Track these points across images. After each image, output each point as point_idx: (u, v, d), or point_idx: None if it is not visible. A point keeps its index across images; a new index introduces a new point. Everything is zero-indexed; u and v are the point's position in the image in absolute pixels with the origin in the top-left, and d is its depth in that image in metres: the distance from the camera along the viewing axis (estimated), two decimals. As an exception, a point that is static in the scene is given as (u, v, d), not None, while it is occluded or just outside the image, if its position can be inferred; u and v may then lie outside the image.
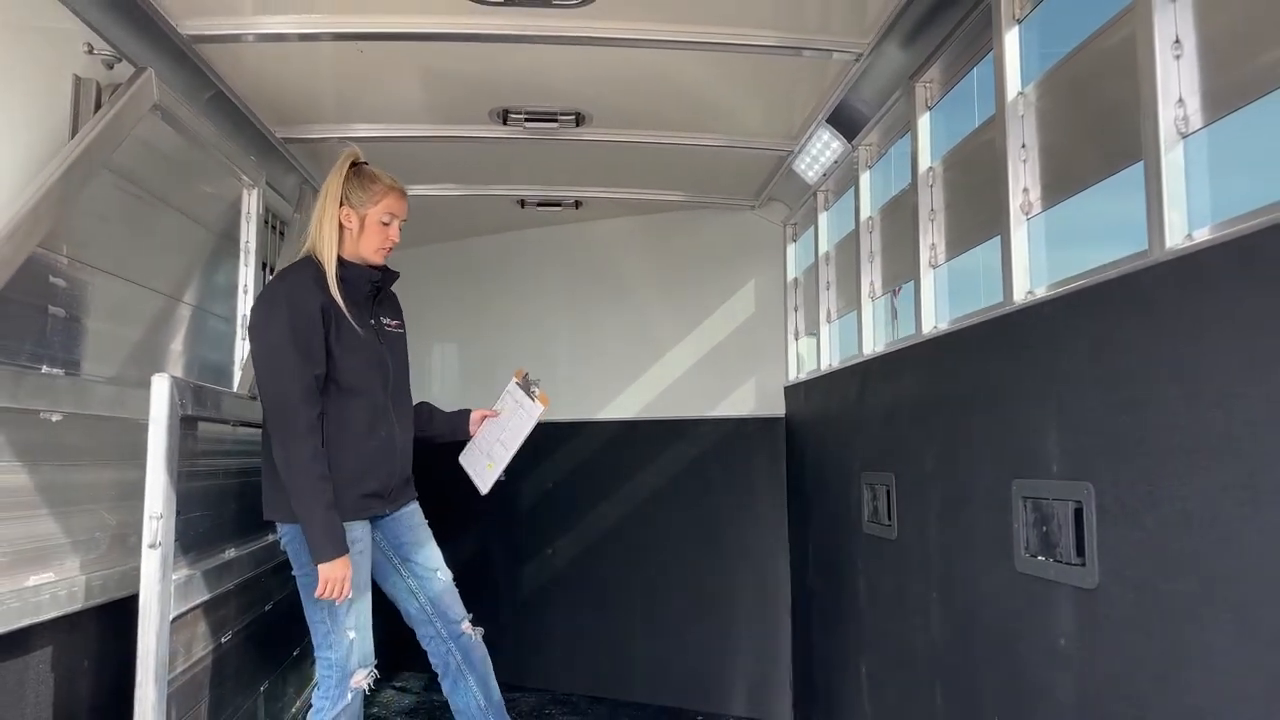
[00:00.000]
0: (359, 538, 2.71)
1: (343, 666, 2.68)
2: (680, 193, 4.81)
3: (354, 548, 2.68)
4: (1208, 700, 1.65)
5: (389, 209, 2.80)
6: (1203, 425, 1.66)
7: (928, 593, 2.86)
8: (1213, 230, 1.72)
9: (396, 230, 2.84)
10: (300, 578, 2.69)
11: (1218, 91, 1.75)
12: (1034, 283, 2.39)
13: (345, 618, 2.66)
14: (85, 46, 2.59)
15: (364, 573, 2.73)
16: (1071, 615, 2.05)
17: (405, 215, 2.87)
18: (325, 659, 2.69)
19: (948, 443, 2.77)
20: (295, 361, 2.59)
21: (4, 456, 2.10)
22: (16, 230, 2.11)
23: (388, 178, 2.85)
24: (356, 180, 2.79)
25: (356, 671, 2.70)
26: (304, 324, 2.62)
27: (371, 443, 2.75)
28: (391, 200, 2.82)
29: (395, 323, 2.95)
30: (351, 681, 2.69)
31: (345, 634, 2.67)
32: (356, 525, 2.71)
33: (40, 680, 2.29)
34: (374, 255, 2.82)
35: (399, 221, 2.84)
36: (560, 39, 3.02)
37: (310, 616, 2.69)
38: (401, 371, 2.92)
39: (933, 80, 3.06)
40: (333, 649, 2.68)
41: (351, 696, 2.70)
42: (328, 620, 2.66)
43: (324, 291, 2.69)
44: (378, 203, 2.79)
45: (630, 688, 5.09)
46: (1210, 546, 1.64)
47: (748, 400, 4.95)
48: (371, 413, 2.76)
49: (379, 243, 2.81)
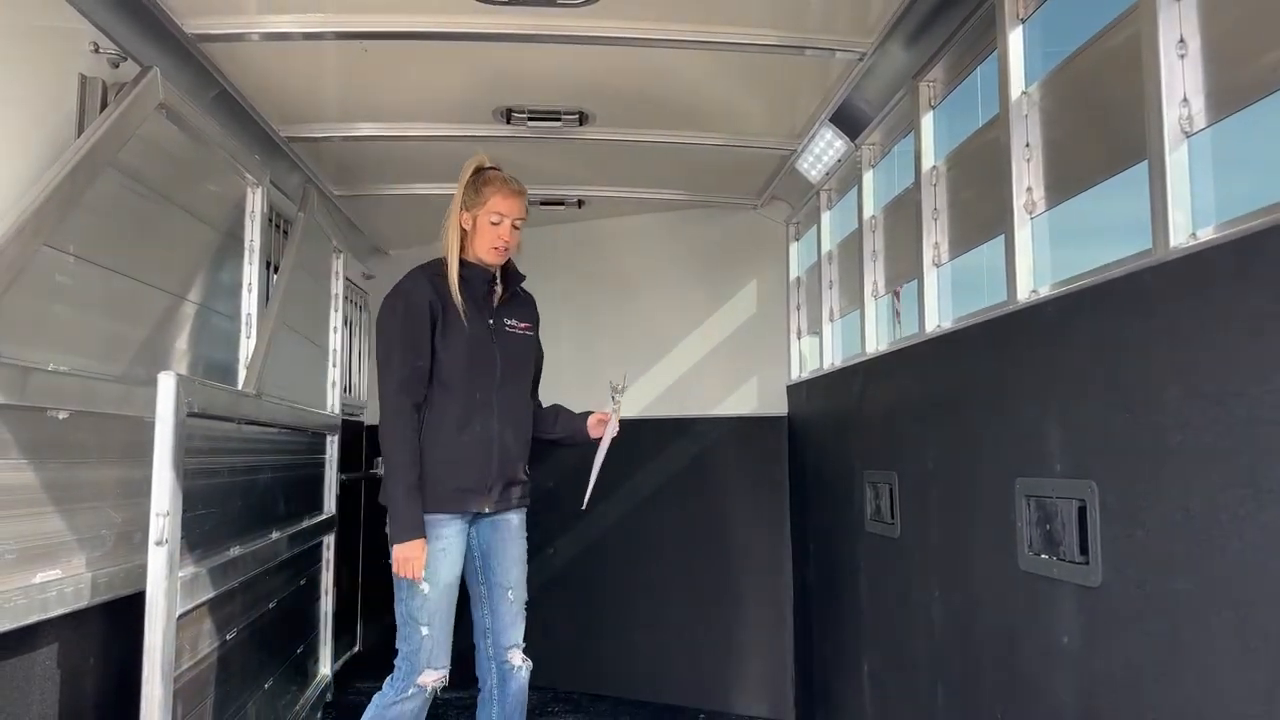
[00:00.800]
0: (445, 535, 2.76)
1: (412, 661, 2.73)
2: (683, 192, 4.82)
3: (436, 544, 2.73)
4: (1210, 698, 1.65)
5: (495, 209, 2.85)
6: (1205, 424, 1.66)
7: (930, 591, 2.86)
8: (1216, 230, 1.72)
9: (508, 230, 2.87)
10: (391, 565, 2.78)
11: (1222, 91, 1.75)
12: (1037, 282, 2.40)
13: (419, 613, 2.72)
14: (91, 45, 2.60)
15: (443, 573, 2.75)
16: (1074, 613, 2.05)
17: (517, 214, 2.89)
18: (400, 650, 2.76)
19: (951, 441, 2.77)
20: (399, 352, 2.76)
21: (11, 454, 2.11)
22: (24, 228, 2.11)
23: (499, 179, 2.90)
24: (472, 185, 2.89)
25: (426, 670, 2.73)
26: (412, 317, 2.78)
27: (464, 438, 2.80)
28: (497, 200, 2.86)
29: (524, 325, 2.99)
30: (418, 679, 2.73)
31: (419, 629, 2.73)
32: (447, 524, 2.76)
33: (46, 677, 2.29)
34: (487, 255, 2.88)
35: (510, 221, 2.87)
36: (564, 38, 3.02)
37: (396, 608, 2.78)
38: (517, 373, 2.95)
39: (936, 79, 3.06)
40: (406, 642, 2.74)
41: (414, 693, 2.73)
42: (405, 613, 2.74)
43: (436, 289, 2.81)
44: (485, 203, 2.86)
45: (633, 686, 5.10)
46: (1212, 545, 1.64)
47: (750, 399, 4.95)
48: (468, 409, 2.82)
49: (490, 242, 2.87)
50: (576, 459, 5.39)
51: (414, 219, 5.25)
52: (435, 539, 2.74)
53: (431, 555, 2.73)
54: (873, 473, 3.42)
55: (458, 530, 2.80)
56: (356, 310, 5.69)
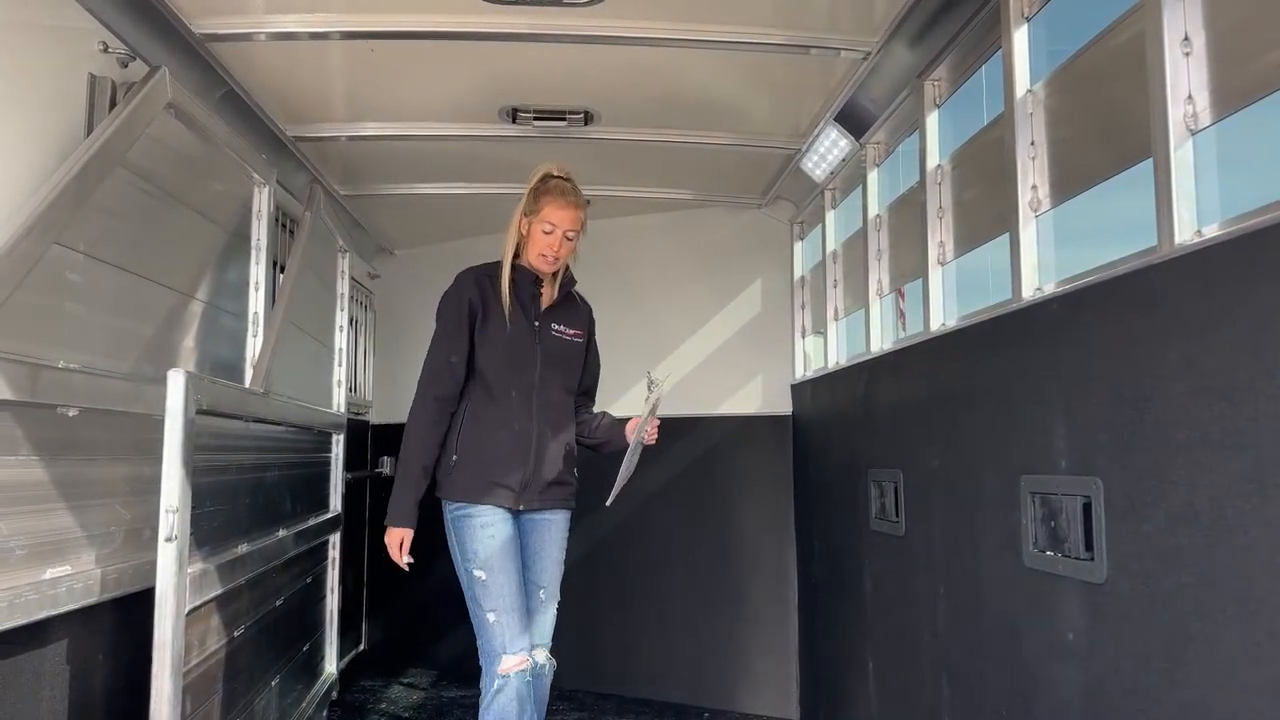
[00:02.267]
0: (490, 522, 2.81)
1: (489, 652, 2.75)
2: (688, 191, 4.83)
3: (485, 531, 2.79)
4: (1215, 694, 1.66)
5: (548, 219, 2.89)
6: (1211, 420, 1.67)
7: (935, 589, 2.87)
8: (1222, 226, 1.73)
9: (559, 240, 2.90)
10: (457, 562, 2.85)
11: (1226, 88, 1.76)
12: (1041, 280, 2.41)
13: (484, 599, 2.76)
14: (100, 45, 2.61)
15: (495, 555, 2.78)
16: (1080, 610, 2.06)
17: (570, 226, 2.90)
18: (480, 647, 2.79)
19: (955, 439, 2.78)
20: (440, 340, 2.91)
21: (22, 451, 2.12)
22: (34, 226, 2.13)
23: (559, 189, 2.92)
24: (535, 192, 2.94)
25: (504, 657, 2.73)
26: (455, 309, 2.91)
27: (500, 435, 2.85)
28: (550, 210, 2.89)
29: (573, 331, 3.03)
30: (499, 668, 2.73)
31: (486, 617, 2.75)
32: (488, 509, 2.82)
33: (56, 673, 2.31)
34: (537, 261, 2.94)
35: (562, 232, 2.90)
36: (569, 38, 3.04)
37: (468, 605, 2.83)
38: (559, 376, 2.98)
39: (941, 78, 3.07)
40: (480, 634, 2.78)
41: (499, 685, 2.72)
42: (471, 604, 2.79)
43: (480, 287, 2.91)
44: (541, 211, 2.90)
45: (637, 684, 5.11)
46: (1218, 541, 1.65)
47: (754, 398, 4.96)
48: (504, 408, 2.87)
49: (540, 249, 2.91)
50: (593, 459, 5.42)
51: (420, 219, 5.26)
52: (482, 526, 2.80)
53: (479, 540, 2.79)
54: (877, 471, 3.42)
55: (502, 517, 2.84)
56: (362, 310, 5.70)
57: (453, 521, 2.87)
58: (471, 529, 2.81)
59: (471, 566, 2.79)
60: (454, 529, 2.86)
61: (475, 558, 2.79)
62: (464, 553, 2.83)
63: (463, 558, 2.83)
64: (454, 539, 2.86)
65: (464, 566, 2.83)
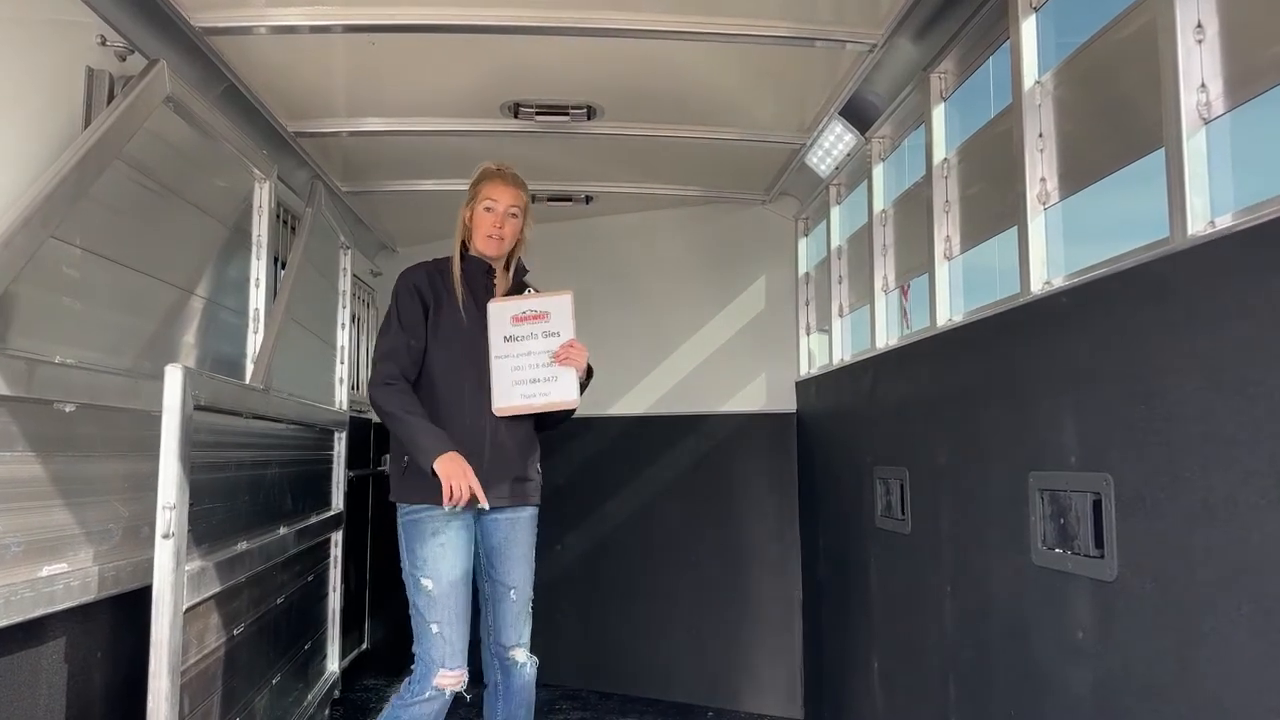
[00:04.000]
0: (443, 529, 2.70)
1: (426, 661, 2.68)
2: (691, 187, 4.80)
3: (435, 540, 2.69)
4: (1228, 692, 1.63)
5: (487, 195, 2.87)
6: (1225, 414, 1.64)
7: (941, 587, 2.84)
8: (1235, 217, 1.70)
9: (501, 217, 2.86)
10: (404, 567, 2.76)
11: (1241, 76, 1.73)
12: (1050, 274, 2.37)
13: (427, 610, 2.67)
14: (98, 38, 2.59)
15: (445, 569, 2.69)
16: (1089, 608, 2.03)
17: (510, 202, 2.87)
18: (415, 652, 2.72)
19: (962, 436, 2.74)
20: (393, 327, 2.82)
21: (17, 446, 2.10)
22: (30, 220, 2.10)
23: (495, 170, 2.91)
24: (474, 183, 2.92)
25: (441, 672, 2.66)
26: (405, 297, 2.85)
27: (452, 432, 2.73)
28: (489, 187, 2.87)
29: None
30: (434, 680, 2.66)
31: (429, 627, 2.67)
32: (441, 516, 2.69)
33: (54, 670, 2.29)
34: (483, 244, 2.89)
35: (504, 208, 2.86)
36: (571, 30, 3.01)
37: (410, 608, 2.76)
38: None
39: (947, 71, 3.04)
40: (419, 642, 2.70)
41: (431, 695, 2.66)
42: (415, 612, 2.71)
43: (431, 279, 2.87)
44: (479, 193, 2.88)
45: (641, 683, 5.08)
46: (1232, 536, 1.62)
47: (759, 396, 4.93)
48: (457, 403, 2.80)
49: (484, 230, 2.87)
50: (587, 457, 5.42)
51: (421, 215, 5.24)
52: (433, 534, 2.70)
53: (429, 547, 2.69)
54: (883, 468, 3.39)
55: (457, 525, 2.74)
56: (364, 307, 5.68)
57: (404, 525, 2.76)
58: (422, 535, 2.71)
59: (419, 574, 2.69)
60: (404, 533, 2.76)
61: (424, 565, 2.69)
62: (412, 559, 2.72)
63: (410, 564, 2.73)
64: (404, 543, 2.76)
65: (411, 573, 2.73)
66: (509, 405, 2.84)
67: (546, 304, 2.90)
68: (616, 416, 5.25)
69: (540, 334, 2.88)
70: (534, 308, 2.89)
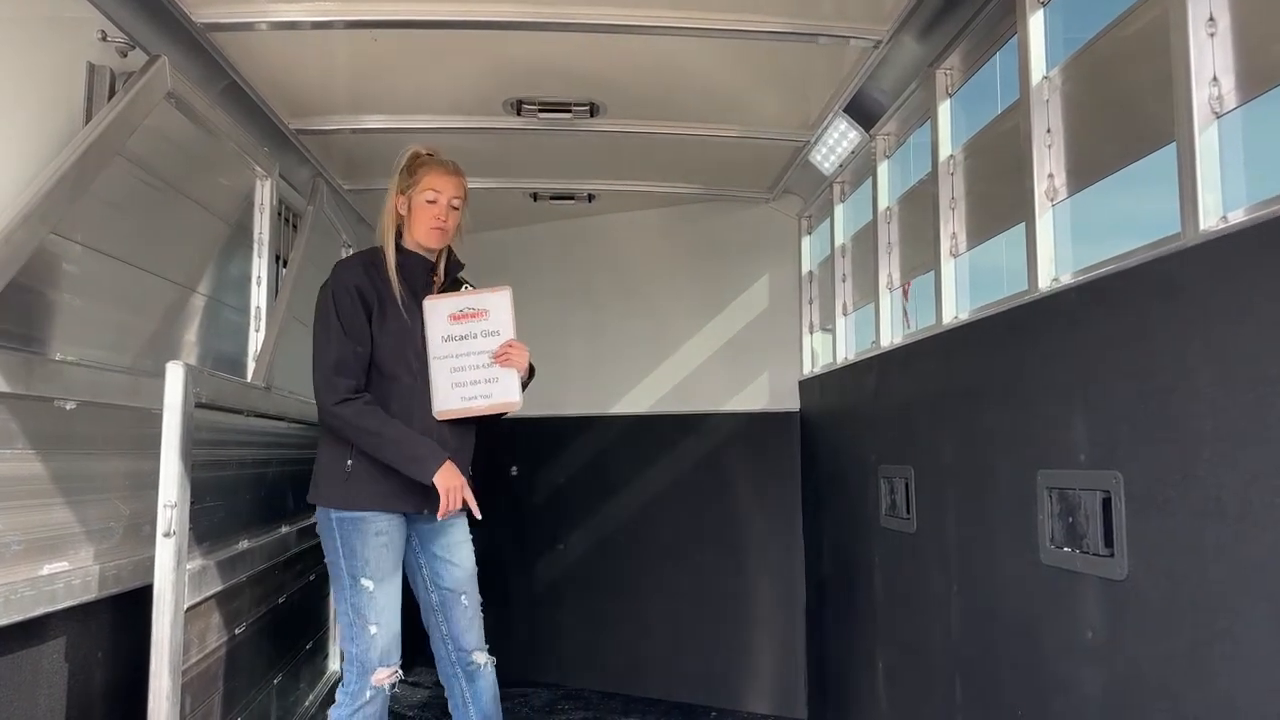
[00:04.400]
0: (385, 529, 2.66)
1: (363, 662, 2.63)
2: (695, 185, 4.78)
3: (378, 540, 2.64)
4: (1241, 691, 1.61)
5: (429, 185, 2.77)
6: (1236, 410, 1.62)
7: (948, 587, 2.82)
8: (1248, 212, 1.68)
9: (444, 209, 2.78)
10: (329, 565, 2.69)
11: (1254, 70, 1.71)
12: (1057, 270, 2.35)
13: (367, 610, 2.62)
14: (99, 34, 2.58)
15: (386, 566, 2.66)
16: (1099, 607, 2.01)
17: (453, 193, 2.79)
18: (348, 653, 2.66)
19: (969, 434, 2.72)
20: (334, 334, 2.64)
21: (16, 444, 2.09)
22: (30, 216, 2.09)
23: (434, 160, 2.84)
24: (406, 169, 2.82)
25: (378, 669, 2.63)
26: (346, 300, 2.67)
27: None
28: (431, 177, 2.78)
29: None
30: (372, 679, 2.63)
31: (367, 628, 2.62)
32: (384, 517, 2.66)
33: (54, 670, 2.27)
34: (425, 237, 2.79)
35: (447, 199, 2.78)
36: (574, 26, 2.99)
37: (337, 608, 2.68)
38: None
39: (953, 67, 3.02)
40: (354, 642, 2.63)
41: (371, 695, 2.63)
42: (350, 612, 2.64)
43: (371, 277, 2.72)
44: (419, 182, 2.78)
45: (643, 683, 5.06)
46: (1245, 535, 1.60)
47: (762, 395, 4.91)
48: (405, 404, 2.70)
49: (428, 222, 2.77)
50: (589, 456, 5.41)
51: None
52: (375, 534, 2.64)
53: (371, 549, 2.63)
54: (887, 467, 3.37)
55: (394, 523, 2.69)
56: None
57: (340, 524, 2.65)
58: (364, 536, 2.63)
59: (360, 575, 2.62)
60: (341, 533, 2.65)
61: (366, 566, 2.62)
62: (352, 560, 2.63)
63: (349, 565, 2.64)
64: (340, 544, 2.65)
65: (350, 574, 2.64)
66: (449, 409, 2.73)
67: (485, 301, 2.79)
68: (618, 415, 5.23)
69: (479, 333, 2.77)
70: (472, 305, 2.78)
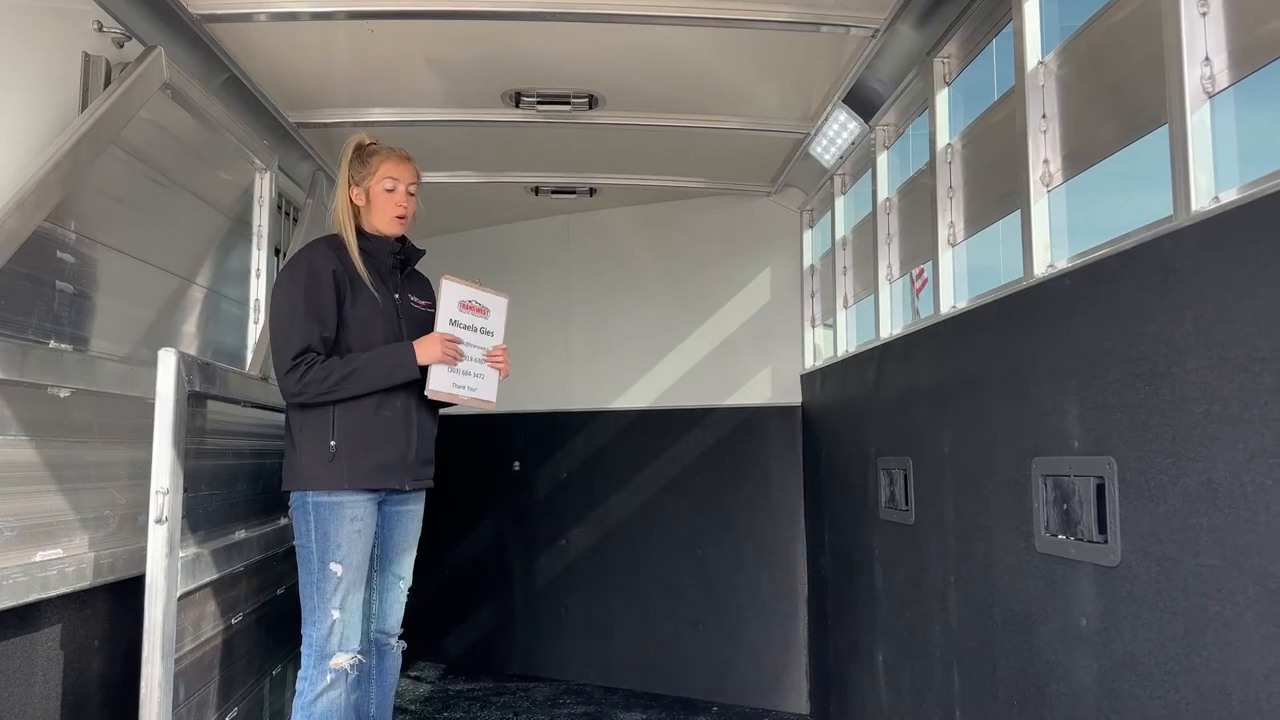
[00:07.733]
0: (361, 516, 2.68)
1: (321, 646, 2.63)
2: (695, 179, 4.77)
3: (352, 526, 2.65)
4: (1235, 678, 1.59)
5: (387, 174, 2.80)
6: (1230, 393, 1.60)
7: (946, 577, 2.80)
8: (1240, 191, 1.66)
9: (403, 196, 2.82)
10: (299, 549, 2.69)
11: (1245, 48, 1.69)
12: (1053, 257, 2.34)
13: (331, 595, 2.63)
14: (95, 24, 2.59)
15: (356, 554, 2.67)
16: (1093, 594, 1.99)
17: (411, 179, 2.84)
18: (307, 636, 2.65)
19: (966, 424, 2.71)
20: (301, 320, 2.64)
21: (10, 430, 2.09)
22: (23, 203, 2.10)
23: (385, 148, 2.85)
24: (358, 159, 2.83)
25: (336, 654, 2.63)
26: (315, 284, 2.67)
27: (383, 414, 2.71)
28: (388, 166, 2.81)
29: (424, 303, 2.92)
30: (330, 663, 2.62)
31: (330, 612, 2.62)
32: (364, 504, 2.68)
33: (49, 657, 2.28)
34: (388, 226, 2.82)
35: (405, 186, 2.82)
36: (572, 16, 2.98)
37: (301, 591, 2.68)
38: None
39: (951, 55, 3.00)
40: (315, 626, 2.63)
41: (331, 679, 2.62)
42: (314, 595, 2.64)
43: (341, 260, 2.74)
44: (375, 172, 2.81)
45: (645, 678, 5.06)
46: (1238, 519, 1.58)
47: (763, 389, 4.90)
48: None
49: (389, 211, 2.81)
50: (591, 451, 5.41)
51: (423, 209, 5.22)
52: (351, 520, 2.65)
53: (346, 536, 2.64)
54: (887, 459, 3.36)
55: (372, 511, 2.73)
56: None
57: (316, 508, 2.64)
58: (340, 520, 2.64)
59: (330, 560, 2.63)
60: (317, 517, 2.64)
61: (337, 551, 2.63)
62: (325, 544, 2.63)
63: (320, 549, 2.63)
64: (313, 527, 2.64)
65: (320, 558, 2.63)
66: (441, 390, 2.78)
67: (489, 301, 2.90)
68: (621, 410, 5.22)
69: (480, 328, 2.87)
70: (480, 300, 2.88)
